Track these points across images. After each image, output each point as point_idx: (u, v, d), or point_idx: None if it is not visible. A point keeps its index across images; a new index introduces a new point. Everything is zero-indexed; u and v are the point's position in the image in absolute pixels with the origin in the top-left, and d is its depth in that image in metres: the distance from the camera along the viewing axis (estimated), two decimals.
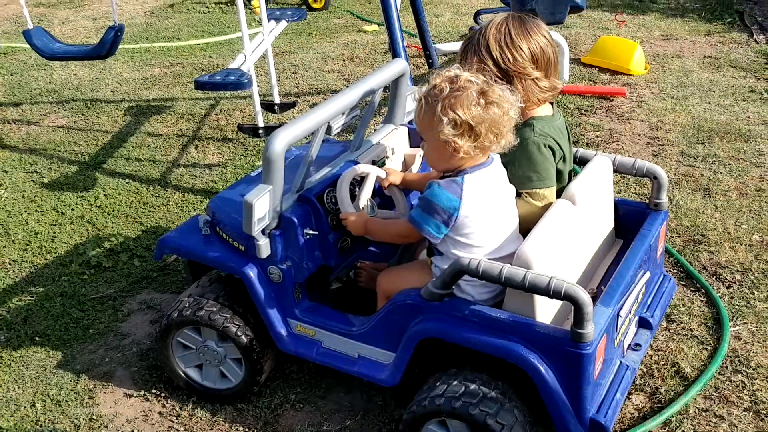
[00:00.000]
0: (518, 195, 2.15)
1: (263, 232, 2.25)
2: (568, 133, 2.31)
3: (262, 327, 2.42)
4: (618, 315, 2.06)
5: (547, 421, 2.01)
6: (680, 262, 3.06)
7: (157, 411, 2.57)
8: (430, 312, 2.08)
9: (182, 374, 2.57)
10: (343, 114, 2.36)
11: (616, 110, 4.53)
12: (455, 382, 2.03)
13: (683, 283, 2.97)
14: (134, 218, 3.77)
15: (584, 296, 1.82)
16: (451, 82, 1.96)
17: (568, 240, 2.09)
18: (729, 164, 3.82)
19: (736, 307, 2.81)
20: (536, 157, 2.14)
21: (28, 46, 6.17)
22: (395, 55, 3.42)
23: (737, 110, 4.43)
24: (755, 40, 5.61)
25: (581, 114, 4.50)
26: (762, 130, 4.16)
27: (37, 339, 2.97)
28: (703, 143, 4.06)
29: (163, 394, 2.63)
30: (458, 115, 1.92)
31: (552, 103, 2.33)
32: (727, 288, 2.93)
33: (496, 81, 2.02)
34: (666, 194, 2.40)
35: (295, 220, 2.25)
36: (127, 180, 4.14)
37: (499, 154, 2.09)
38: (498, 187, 2.06)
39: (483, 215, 2.01)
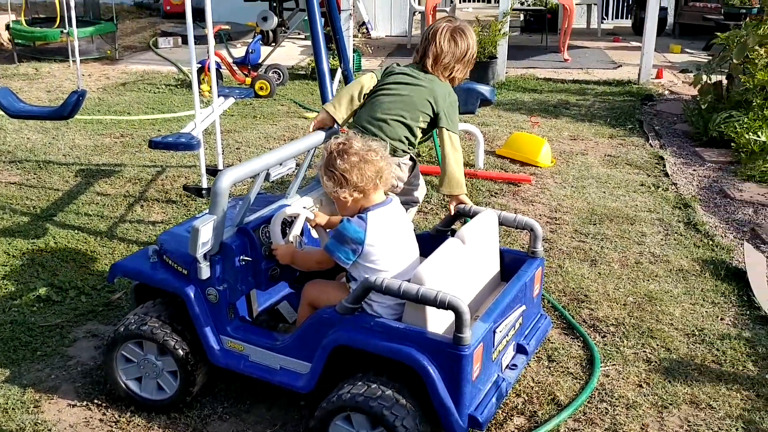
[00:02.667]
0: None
1: (205, 256, 2.67)
2: None
3: (197, 343, 2.79)
4: (494, 332, 2.52)
5: (435, 416, 2.42)
6: (564, 315, 3.57)
7: (97, 418, 2.87)
8: (343, 324, 2.50)
9: (123, 385, 2.89)
10: (281, 164, 2.84)
11: (522, 194, 5.13)
12: (359, 383, 2.44)
13: (565, 332, 3.47)
14: (82, 263, 4.10)
15: (463, 306, 2.28)
16: (325, 150, 2.59)
17: (456, 270, 2.57)
18: (615, 241, 4.41)
19: (608, 351, 3.31)
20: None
21: None
22: None
23: (627, 199, 5.08)
24: (650, 144, 6.38)
25: (491, 195, 5.09)
26: (646, 215, 4.80)
27: None
28: (594, 224, 4.66)
29: (103, 405, 2.93)
30: (330, 171, 2.52)
31: None
32: (602, 337, 3.43)
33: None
34: (541, 244, 2.93)
35: (234, 248, 2.68)
36: (76, 231, 4.48)
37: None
38: (398, 221, 2.58)
39: (386, 245, 2.52)
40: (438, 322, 2.46)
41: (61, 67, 9.05)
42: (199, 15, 9.52)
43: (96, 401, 2.95)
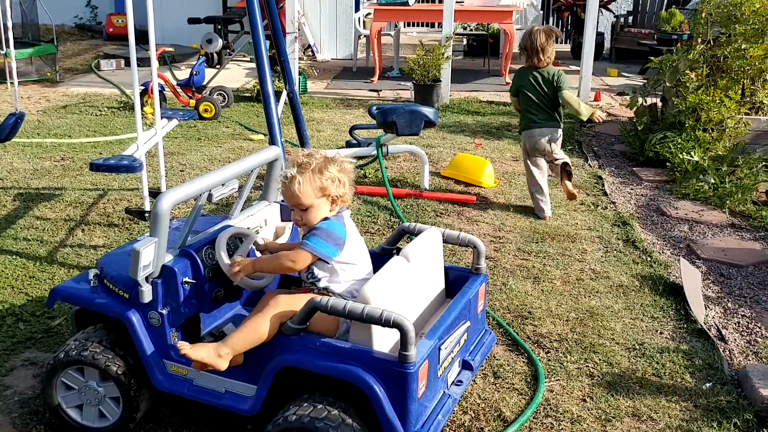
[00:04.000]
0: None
1: (147, 279, 2.63)
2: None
3: (140, 368, 2.73)
4: (440, 349, 2.54)
5: None
6: (508, 332, 3.61)
7: None
8: (288, 345, 2.49)
9: (63, 414, 2.81)
10: (223, 185, 2.82)
11: (467, 214, 5.20)
12: (305, 404, 2.42)
13: (510, 348, 3.51)
14: (20, 289, 3.98)
15: (408, 324, 2.30)
16: (310, 157, 2.63)
17: (401, 288, 2.59)
18: (557, 259, 4.50)
19: (552, 367, 3.36)
20: None
21: None
22: (272, 142, 3.96)
23: (568, 218, 5.19)
24: (589, 164, 6.54)
25: (437, 215, 5.14)
26: (586, 233, 4.91)
27: None
28: (537, 242, 4.75)
29: None
30: (332, 172, 2.60)
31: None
32: (546, 353, 3.49)
33: None
34: (484, 261, 2.98)
35: (176, 270, 2.65)
36: (14, 256, 4.36)
37: None
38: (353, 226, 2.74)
39: (355, 244, 2.68)
40: (384, 341, 2.47)
41: None
42: (142, 37, 9.50)
43: (34, 431, 2.86)
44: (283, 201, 3.25)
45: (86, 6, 13.01)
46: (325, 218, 2.67)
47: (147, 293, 2.63)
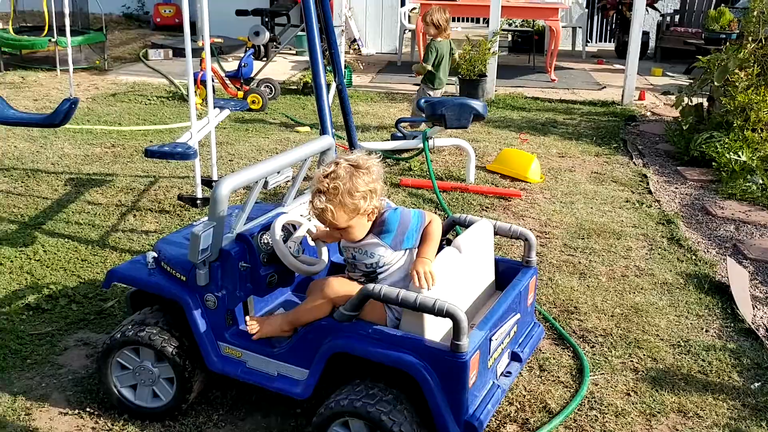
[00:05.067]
0: None
1: (204, 262, 2.69)
2: None
3: (195, 350, 2.80)
4: (490, 340, 2.56)
5: (431, 423, 2.45)
6: (554, 326, 3.62)
7: (90, 426, 2.86)
8: (341, 331, 2.53)
9: (117, 393, 2.88)
10: (278, 173, 2.87)
11: (512, 209, 5.20)
12: (357, 389, 2.46)
13: (556, 342, 3.52)
14: (72, 272, 4.09)
15: (461, 314, 2.32)
16: (335, 179, 2.53)
17: (453, 279, 2.61)
18: (602, 255, 4.48)
19: (596, 361, 3.36)
20: None
21: None
22: (323, 133, 4.00)
23: (613, 215, 5.15)
24: (634, 163, 6.48)
25: (482, 209, 5.14)
26: (631, 231, 4.87)
27: None
28: (582, 238, 4.73)
29: (96, 413, 2.92)
30: (361, 189, 2.52)
31: None
32: (591, 347, 3.48)
33: None
34: (535, 254, 2.98)
35: (233, 254, 2.70)
36: (66, 240, 4.47)
37: None
38: None
39: None
40: (435, 330, 2.49)
41: (47, 76, 9.04)
42: (191, 28, 9.46)
43: (88, 409, 2.94)
44: None
45: None
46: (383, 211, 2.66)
47: (204, 276, 2.69)
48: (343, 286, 2.61)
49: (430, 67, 6.68)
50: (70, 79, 4.66)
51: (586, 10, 12.36)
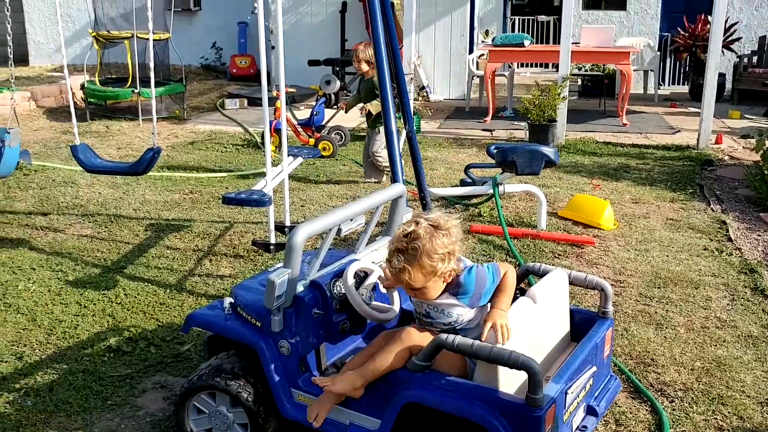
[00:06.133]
0: None
1: (279, 308, 2.73)
2: None
3: (269, 397, 2.83)
4: (566, 393, 2.50)
5: None
6: (630, 379, 3.51)
7: None
8: (414, 381, 2.52)
9: None
10: (351, 220, 2.91)
11: (586, 256, 5.11)
12: None
13: (632, 396, 3.41)
14: (151, 315, 4.21)
15: (537, 366, 2.28)
16: (414, 240, 2.52)
17: (527, 330, 2.58)
18: (680, 305, 4.34)
19: (676, 416, 3.24)
20: None
21: (55, 165, 6.88)
22: (395, 180, 4.05)
23: (691, 263, 5.01)
24: (712, 209, 6.30)
25: (555, 257, 5.07)
26: (710, 280, 4.72)
27: (60, 405, 3.33)
28: (659, 287, 4.60)
29: None
30: (440, 252, 2.51)
31: None
32: (670, 402, 3.36)
33: None
34: (611, 305, 2.92)
35: (306, 301, 2.74)
36: (145, 283, 4.62)
37: None
38: None
39: None
40: (510, 382, 2.46)
41: (130, 126, 9.44)
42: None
43: None
44: None
45: (211, 47, 13.74)
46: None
47: (279, 322, 2.73)
48: (422, 337, 2.61)
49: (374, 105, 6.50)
50: (154, 129, 4.87)
51: (658, 53, 12.21)
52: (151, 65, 4.82)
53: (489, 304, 2.62)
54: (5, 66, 13.46)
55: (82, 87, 9.76)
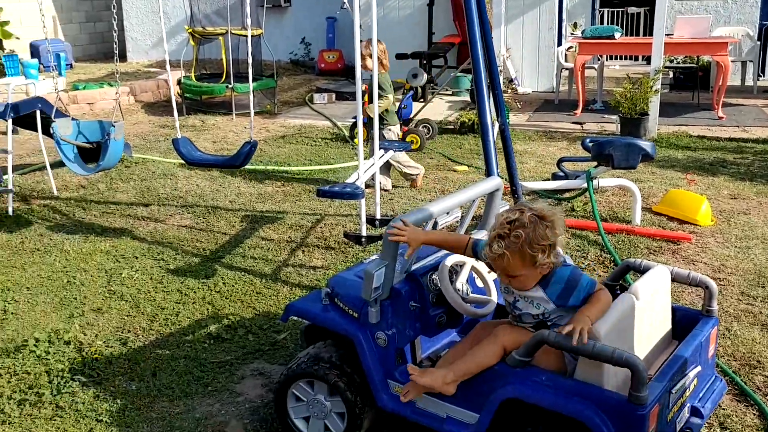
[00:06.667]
0: None
1: (376, 300, 2.76)
2: None
3: (365, 387, 2.87)
4: (670, 392, 2.44)
5: None
6: (735, 381, 3.39)
7: None
8: (513, 377, 2.51)
9: (291, 424, 3.01)
10: (447, 213, 2.91)
11: (682, 253, 4.95)
12: None
13: (738, 398, 3.29)
14: (248, 304, 4.33)
15: (640, 364, 2.23)
16: (518, 227, 2.50)
17: (629, 327, 2.53)
18: None
19: None
20: None
21: (155, 158, 7.13)
22: (489, 173, 4.03)
23: None
24: None
25: (650, 253, 4.94)
26: None
27: (163, 390, 3.47)
28: (763, 287, 4.41)
29: None
30: (542, 242, 2.48)
31: None
32: None
33: None
34: (716, 303, 2.82)
35: (403, 293, 2.77)
36: (242, 273, 4.75)
37: None
38: None
39: None
40: (611, 380, 2.41)
41: (224, 120, 9.71)
42: (350, 72, 9.83)
43: None
44: None
45: (300, 43, 13.95)
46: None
47: (375, 314, 2.77)
48: (517, 334, 2.59)
49: (392, 98, 6.39)
50: (251, 123, 5.00)
51: (758, 43, 11.66)
52: (249, 61, 4.95)
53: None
54: (104, 62, 14.10)
55: (179, 82, 10.09)
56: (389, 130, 6.44)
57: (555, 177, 6.02)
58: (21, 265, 4.93)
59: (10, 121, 5.84)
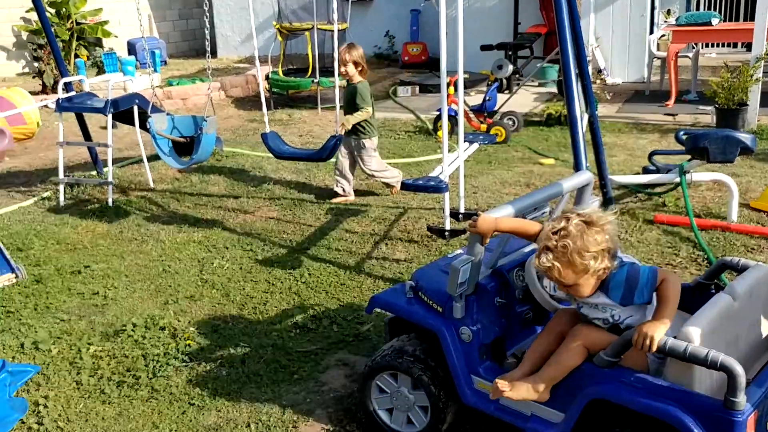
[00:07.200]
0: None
1: (461, 295, 2.76)
2: None
3: (449, 382, 2.86)
4: None
5: None
6: None
7: None
8: (601, 377, 2.46)
9: (374, 415, 3.04)
10: (536, 209, 2.87)
11: None
12: None
13: None
14: (333, 295, 4.40)
15: (738, 367, 2.15)
16: (564, 237, 2.42)
17: (725, 328, 2.43)
18: None
19: None
20: None
21: (244, 151, 7.30)
22: (578, 167, 3.95)
23: None
24: None
25: (747, 251, 4.73)
26: None
27: (251, 377, 3.57)
28: None
29: None
30: (592, 249, 2.40)
31: None
32: None
33: None
34: None
35: (489, 289, 2.75)
36: (327, 264, 4.82)
37: None
38: None
39: None
40: (704, 383, 2.33)
41: (310, 114, 9.85)
42: (434, 64, 9.78)
43: (347, 428, 3.14)
44: None
45: (384, 36, 14.00)
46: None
47: (460, 309, 2.76)
48: (599, 332, 2.54)
49: (370, 110, 5.89)
50: (337, 117, 5.06)
51: None
52: (335, 55, 5.00)
53: (650, 306, 2.50)
54: (196, 58, 14.53)
55: (267, 77, 10.30)
56: (363, 143, 5.90)
57: (646, 171, 5.84)
58: (120, 254, 5.16)
59: (110, 116, 6.10)
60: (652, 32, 11.00)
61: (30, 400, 3.42)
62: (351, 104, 5.91)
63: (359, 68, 5.88)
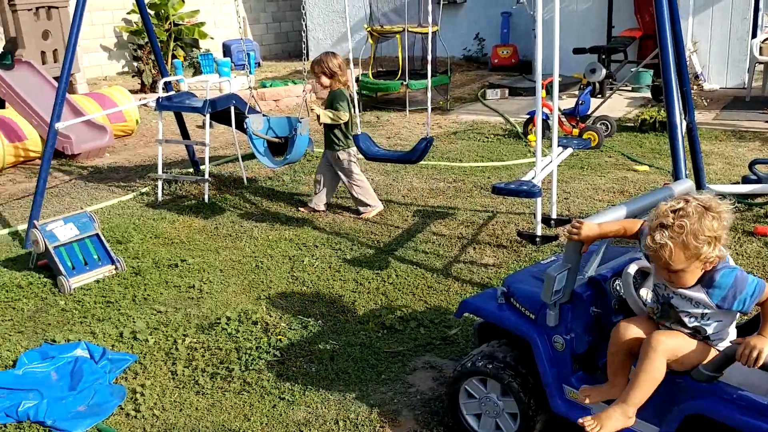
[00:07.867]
0: None
1: (555, 303, 2.72)
2: None
3: (540, 390, 2.83)
4: None
5: None
6: None
7: None
8: (700, 392, 2.38)
9: (463, 419, 3.04)
10: (635, 216, 2.80)
11: None
12: None
13: None
14: (420, 297, 4.41)
15: None
16: (682, 217, 2.35)
17: None
18: None
19: None
20: None
21: None
22: (677, 176, 3.83)
23: None
24: None
25: None
26: None
27: (340, 374, 3.63)
28: None
29: None
30: (707, 234, 2.33)
31: None
32: None
33: None
34: None
35: (584, 298, 2.70)
36: (414, 266, 4.84)
37: None
38: None
39: None
40: None
41: (398, 116, 9.91)
42: (524, 67, 9.64)
43: (435, 431, 3.14)
44: None
45: (474, 39, 13.95)
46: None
47: (554, 317, 2.73)
48: (676, 341, 2.45)
49: (346, 117, 5.69)
50: (428, 119, 5.09)
51: None
52: (429, 58, 5.04)
53: (740, 316, 2.41)
54: (288, 60, 14.85)
55: (357, 80, 10.42)
56: (337, 155, 5.79)
57: (746, 180, 5.62)
58: (215, 249, 5.33)
59: (207, 115, 6.31)
60: (755, 36, 10.55)
61: (128, 387, 3.58)
62: (329, 105, 5.90)
63: (333, 77, 5.79)
